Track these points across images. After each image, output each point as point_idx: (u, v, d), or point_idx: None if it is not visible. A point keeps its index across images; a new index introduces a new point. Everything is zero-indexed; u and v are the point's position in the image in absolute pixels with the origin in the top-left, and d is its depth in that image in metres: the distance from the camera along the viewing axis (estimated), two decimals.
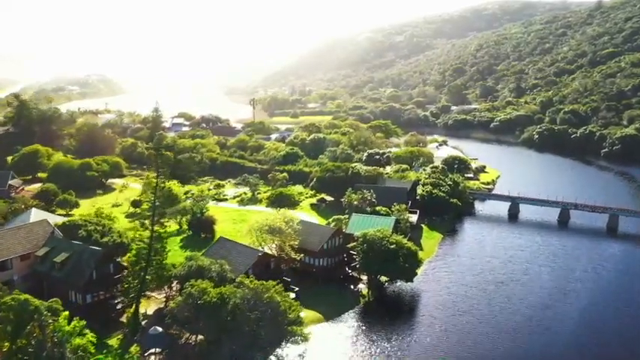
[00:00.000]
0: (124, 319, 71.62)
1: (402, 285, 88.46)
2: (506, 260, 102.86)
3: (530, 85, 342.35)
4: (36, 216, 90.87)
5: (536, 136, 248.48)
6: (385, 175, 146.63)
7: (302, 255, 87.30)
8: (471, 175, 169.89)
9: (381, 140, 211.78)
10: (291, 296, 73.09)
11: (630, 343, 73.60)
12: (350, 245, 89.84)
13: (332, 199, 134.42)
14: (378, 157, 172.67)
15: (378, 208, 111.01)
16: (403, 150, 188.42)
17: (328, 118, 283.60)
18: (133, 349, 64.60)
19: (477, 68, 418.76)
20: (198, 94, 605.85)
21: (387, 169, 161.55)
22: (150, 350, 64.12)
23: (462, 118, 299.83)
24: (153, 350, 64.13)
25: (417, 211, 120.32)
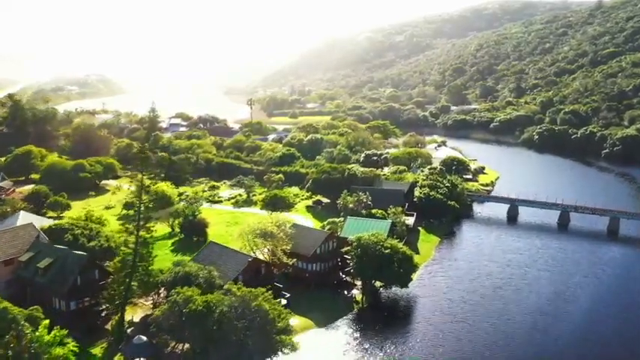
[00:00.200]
0: (109, 327, 69.45)
1: (397, 290, 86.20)
2: (505, 264, 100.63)
3: (531, 85, 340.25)
4: (24, 219, 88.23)
5: (536, 137, 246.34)
6: (382, 176, 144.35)
7: (294, 260, 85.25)
8: (469, 176, 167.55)
9: (379, 141, 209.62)
10: (282, 303, 71.11)
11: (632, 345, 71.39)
12: (344, 250, 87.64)
13: (328, 201, 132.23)
14: (375, 158, 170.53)
15: (374, 211, 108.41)
16: (401, 151, 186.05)
17: (327, 119, 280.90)
18: (116, 358, 62.56)
19: (477, 68, 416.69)
20: (197, 94, 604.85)
21: (385, 171, 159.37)
22: None
23: (462, 119, 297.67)
24: None
25: (414, 214, 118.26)
